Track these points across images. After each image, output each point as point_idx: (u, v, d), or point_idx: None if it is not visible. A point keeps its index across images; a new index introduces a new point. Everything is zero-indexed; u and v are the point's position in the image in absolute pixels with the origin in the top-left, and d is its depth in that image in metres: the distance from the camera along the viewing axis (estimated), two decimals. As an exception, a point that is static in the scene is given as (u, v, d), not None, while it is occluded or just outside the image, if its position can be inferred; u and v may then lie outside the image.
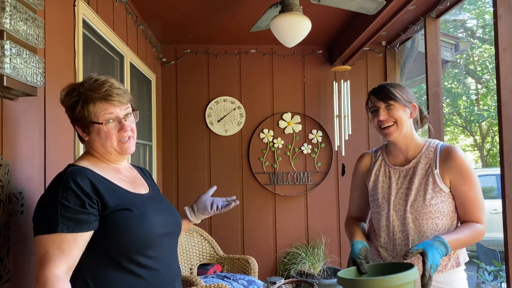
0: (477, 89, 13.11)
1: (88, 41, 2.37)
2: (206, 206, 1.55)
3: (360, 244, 1.48)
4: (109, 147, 1.25)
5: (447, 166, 1.50)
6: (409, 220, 1.51)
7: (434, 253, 1.29)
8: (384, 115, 1.55)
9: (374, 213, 1.64)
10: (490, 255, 4.41)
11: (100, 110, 1.22)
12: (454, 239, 1.40)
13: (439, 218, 1.50)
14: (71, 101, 1.25)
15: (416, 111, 1.59)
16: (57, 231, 1.08)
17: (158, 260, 1.23)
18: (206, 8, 3.22)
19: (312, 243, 4.09)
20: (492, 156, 12.91)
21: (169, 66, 4.15)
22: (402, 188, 1.56)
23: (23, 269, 1.52)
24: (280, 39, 2.64)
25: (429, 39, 3.19)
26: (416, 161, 1.57)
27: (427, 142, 1.60)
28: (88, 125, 1.24)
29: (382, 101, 1.56)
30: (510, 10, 2.28)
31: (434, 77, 3.18)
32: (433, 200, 1.50)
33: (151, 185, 1.41)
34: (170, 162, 4.11)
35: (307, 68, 4.24)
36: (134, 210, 1.19)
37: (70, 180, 1.13)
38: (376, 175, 1.65)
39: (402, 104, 1.54)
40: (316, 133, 4.18)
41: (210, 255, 3.56)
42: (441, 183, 1.50)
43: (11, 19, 1.32)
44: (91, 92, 1.22)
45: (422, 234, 1.50)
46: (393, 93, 1.55)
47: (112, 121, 1.24)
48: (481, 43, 12.37)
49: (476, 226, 1.47)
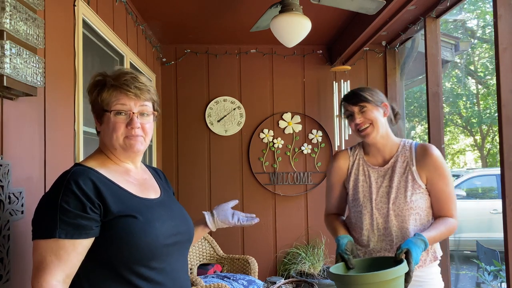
0: (477, 89, 13.11)
1: (88, 41, 2.37)
2: (227, 216, 1.47)
3: (346, 239, 1.53)
4: (114, 141, 1.16)
5: (423, 163, 1.58)
6: (392, 217, 1.57)
7: (417, 252, 1.36)
8: (360, 117, 1.60)
9: (355, 212, 1.67)
10: (490, 255, 4.40)
11: (114, 99, 1.15)
12: (433, 235, 1.48)
13: (418, 214, 1.57)
14: (91, 84, 1.18)
15: (389, 110, 1.65)
16: (54, 236, 1.00)
17: (163, 272, 1.13)
18: (206, 8, 3.22)
19: (312, 243, 4.09)
20: (492, 156, 12.91)
21: (169, 66, 4.15)
22: (383, 186, 1.61)
23: (23, 269, 1.52)
24: (280, 39, 2.64)
25: (429, 39, 3.19)
26: (394, 160, 1.63)
27: (402, 141, 1.67)
28: (100, 113, 1.17)
29: (355, 105, 1.61)
30: (510, 10, 2.28)
31: (434, 77, 3.18)
32: (413, 196, 1.56)
33: (164, 189, 1.31)
34: (170, 162, 4.11)
35: (307, 68, 4.24)
36: (138, 217, 1.10)
37: (72, 182, 1.05)
38: (356, 175, 1.69)
39: (374, 105, 1.60)
40: (316, 133, 4.18)
41: (210, 255, 3.56)
42: (419, 179, 1.58)
43: (11, 19, 1.32)
44: (111, 79, 1.16)
45: (405, 230, 1.56)
46: (364, 96, 1.60)
47: (123, 114, 1.15)
48: (481, 43, 12.37)
49: (451, 221, 1.55)
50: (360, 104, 1.60)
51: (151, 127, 1.22)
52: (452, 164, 15.19)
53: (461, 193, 7.02)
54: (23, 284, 1.52)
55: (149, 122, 1.20)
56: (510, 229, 2.21)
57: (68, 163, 1.95)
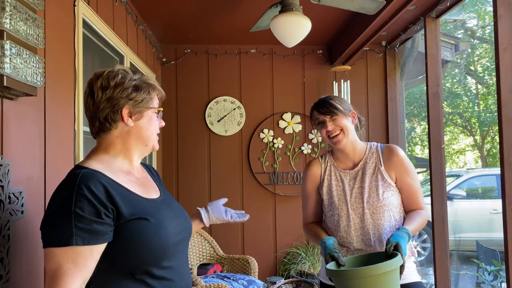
0: (477, 89, 13.11)
1: (88, 41, 2.37)
2: (221, 212, 1.53)
3: (331, 240, 1.57)
4: (151, 139, 1.22)
5: (390, 162, 1.68)
6: (368, 215, 1.64)
7: (404, 244, 1.42)
8: (331, 125, 1.69)
9: (331, 216, 1.72)
10: (490, 255, 4.40)
11: (156, 98, 1.23)
12: (413, 228, 1.56)
13: (392, 211, 1.65)
14: (134, 82, 1.19)
15: (356, 118, 1.75)
16: (71, 244, 0.99)
17: (172, 270, 1.16)
18: (206, 8, 3.22)
19: (312, 243, 4.09)
20: (492, 156, 12.91)
21: (169, 66, 4.15)
22: (356, 187, 1.69)
23: (23, 269, 1.52)
24: (280, 39, 2.64)
25: (429, 39, 3.19)
26: (363, 163, 1.72)
27: (368, 144, 1.77)
28: (142, 110, 1.19)
29: (324, 114, 1.71)
30: (510, 10, 2.28)
31: (434, 77, 3.18)
32: (385, 194, 1.64)
33: (160, 187, 1.34)
34: (170, 162, 4.11)
35: (307, 68, 4.24)
36: (150, 219, 1.11)
37: (83, 187, 1.02)
38: (329, 180, 1.76)
39: (343, 113, 1.70)
40: (316, 133, 4.18)
41: (210, 255, 3.56)
42: (388, 178, 1.67)
43: (11, 19, 1.32)
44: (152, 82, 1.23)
45: (381, 227, 1.63)
46: (334, 105, 1.70)
47: (160, 114, 1.25)
48: (481, 43, 12.37)
49: (423, 212, 1.66)
50: (330, 113, 1.69)
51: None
52: (452, 164, 15.19)
53: (461, 193, 7.02)
54: (23, 284, 1.52)
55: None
56: (510, 229, 2.21)
57: (68, 163, 1.95)
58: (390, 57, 4.23)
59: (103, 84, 1.16)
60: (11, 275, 1.42)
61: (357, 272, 1.35)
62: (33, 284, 1.60)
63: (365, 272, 1.33)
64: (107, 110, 1.15)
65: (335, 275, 1.39)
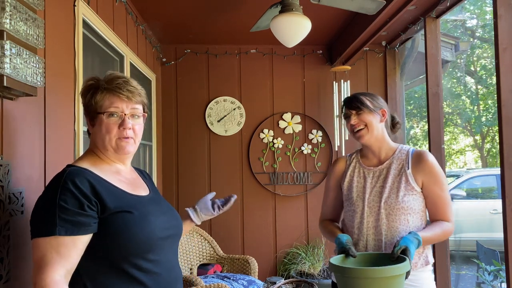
0: (477, 89, 13.10)
1: (88, 41, 2.37)
2: (208, 207, 1.56)
3: (345, 236, 1.57)
4: (107, 143, 1.21)
5: (419, 168, 1.63)
6: (383, 215, 1.60)
7: (413, 249, 1.40)
8: (355, 119, 1.69)
9: (347, 211, 1.72)
10: (490, 255, 4.40)
11: (107, 101, 1.20)
12: (428, 236, 1.53)
13: (410, 215, 1.60)
14: (85, 87, 1.24)
15: (386, 117, 1.72)
16: (55, 233, 1.04)
17: (159, 263, 1.19)
18: (206, 8, 3.22)
19: (312, 243, 4.09)
20: (492, 156, 12.91)
21: (169, 66, 4.15)
22: (377, 186, 1.67)
23: (23, 269, 1.52)
24: (280, 39, 2.64)
25: (429, 39, 3.19)
26: (389, 162, 1.69)
27: (399, 146, 1.73)
28: (93, 115, 1.22)
29: (351, 109, 1.70)
30: (510, 10, 2.28)
31: (434, 77, 3.18)
32: (406, 197, 1.60)
33: (151, 188, 1.38)
34: (170, 162, 4.11)
35: (307, 68, 4.24)
36: (134, 212, 1.16)
37: (69, 181, 1.09)
38: (351, 176, 1.75)
39: (370, 110, 1.68)
40: (316, 133, 4.18)
41: (210, 255, 3.56)
42: (413, 182, 1.62)
43: (11, 19, 1.32)
44: (104, 83, 1.22)
45: (395, 230, 1.59)
46: (361, 100, 1.69)
47: (115, 116, 1.21)
48: (481, 43, 12.37)
49: (446, 224, 1.60)
50: (356, 108, 1.68)
51: (141, 128, 1.29)
52: (452, 164, 15.18)
53: (461, 193, 7.02)
54: (23, 284, 1.52)
55: (139, 124, 1.27)
56: (510, 229, 2.21)
57: (68, 163, 1.95)
58: (390, 57, 4.23)
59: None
60: (11, 275, 1.42)
61: (361, 271, 1.31)
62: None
63: (370, 273, 1.29)
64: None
65: (339, 270, 1.36)
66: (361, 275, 1.30)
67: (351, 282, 1.32)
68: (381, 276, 1.28)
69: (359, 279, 1.30)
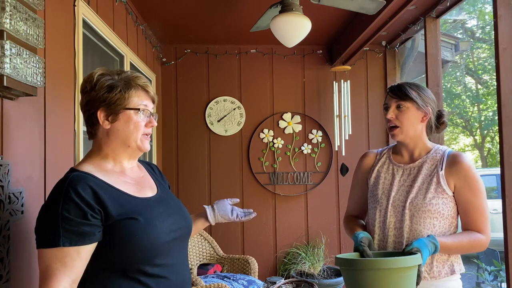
0: (477, 89, 13.11)
1: (88, 41, 2.37)
2: (226, 210, 1.51)
3: (362, 234, 1.46)
4: (132, 140, 1.19)
5: (453, 170, 1.49)
6: (407, 216, 1.49)
7: (426, 253, 1.31)
8: (392, 114, 1.54)
9: (371, 208, 1.62)
10: (490, 255, 4.40)
11: (138, 98, 1.20)
12: (448, 243, 1.41)
13: (437, 219, 1.48)
14: (108, 82, 1.17)
15: (429, 116, 1.56)
16: (59, 245, 1.03)
17: (166, 267, 1.17)
18: (206, 8, 3.22)
19: (312, 243, 4.09)
20: (492, 156, 12.91)
21: (169, 66, 4.15)
22: (405, 185, 1.55)
23: (23, 269, 1.52)
24: (280, 39, 2.64)
25: (429, 39, 3.19)
26: (422, 161, 1.56)
27: (436, 146, 1.59)
28: (117, 111, 1.17)
29: (394, 98, 1.54)
30: (510, 10, 2.28)
31: (434, 77, 3.18)
32: (434, 200, 1.48)
33: (160, 184, 1.33)
34: (170, 162, 4.11)
35: (307, 68, 4.24)
36: (139, 218, 1.12)
37: (71, 190, 1.06)
38: (379, 172, 1.64)
39: (414, 105, 1.52)
40: (316, 133, 4.18)
41: (210, 255, 3.56)
42: (445, 185, 1.49)
43: (11, 19, 1.32)
44: (131, 80, 1.20)
45: (418, 233, 1.47)
46: (409, 92, 1.52)
47: (144, 113, 1.21)
48: (480, 44, 12.36)
49: (477, 235, 1.45)
50: (399, 100, 1.53)
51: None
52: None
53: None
54: (23, 284, 1.52)
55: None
56: (510, 229, 2.20)
57: (68, 163, 1.95)
58: (390, 57, 4.23)
59: (82, 88, 1.21)
60: (11, 275, 1.42)
61: (366, 262, 1.26)
62: (33, 284, 1.60)
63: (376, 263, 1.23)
64: (86, 114, 1.22)
65: (345, 264, 1.29)
66: (366, 266, 1.24)
67: (356, 274, 1.26)
68: (387, 268, 1.20)
69: (363, 270, 1.24)
